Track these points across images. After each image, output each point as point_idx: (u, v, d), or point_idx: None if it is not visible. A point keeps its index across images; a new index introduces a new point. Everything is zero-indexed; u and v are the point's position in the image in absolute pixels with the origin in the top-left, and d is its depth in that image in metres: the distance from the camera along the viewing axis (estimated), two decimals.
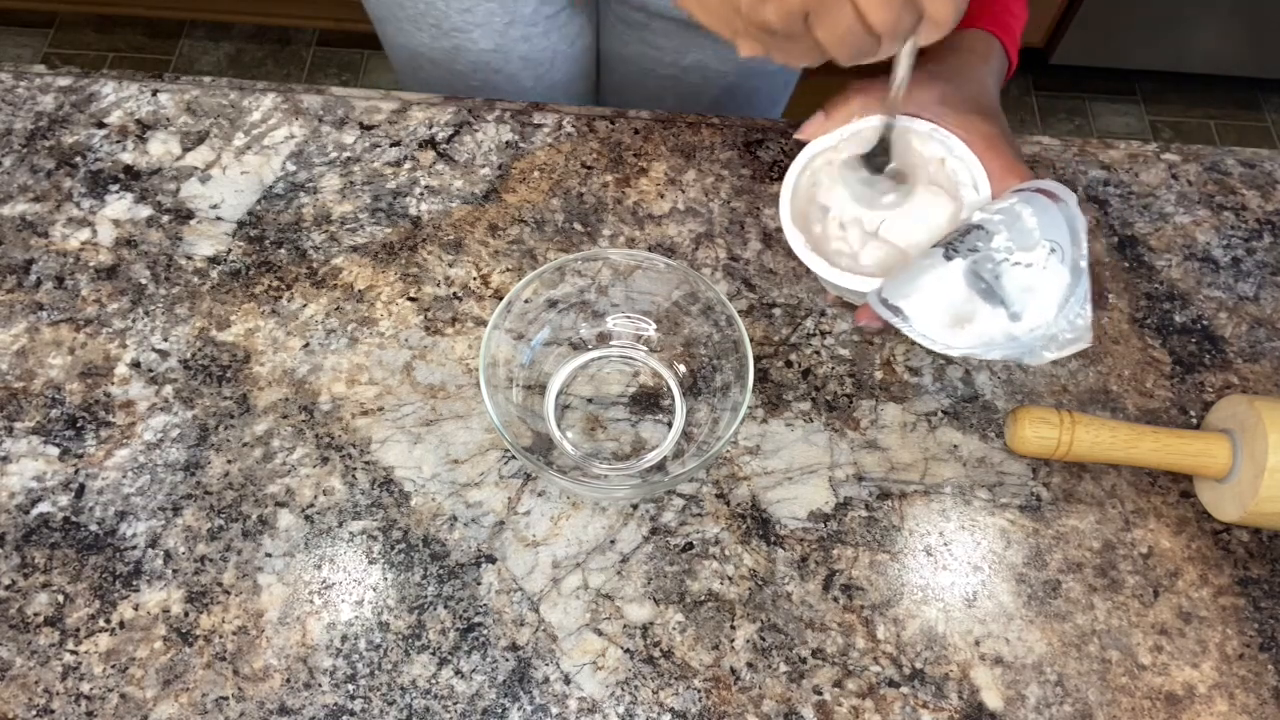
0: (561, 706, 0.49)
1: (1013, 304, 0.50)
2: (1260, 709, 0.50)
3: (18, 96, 0.69)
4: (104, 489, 0.54)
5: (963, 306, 0.51)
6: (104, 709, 0.49)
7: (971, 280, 0.50)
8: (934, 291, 0.51)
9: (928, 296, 0.51)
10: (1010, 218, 0.51)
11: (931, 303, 0.51)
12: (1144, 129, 1.94)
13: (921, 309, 0.51)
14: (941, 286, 0.51)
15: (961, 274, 0.50)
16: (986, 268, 0.50)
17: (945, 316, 0.51)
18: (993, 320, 0.50)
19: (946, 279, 0.51)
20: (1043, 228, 0.50)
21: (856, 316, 0.58)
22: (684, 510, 0.55)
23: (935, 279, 0.51)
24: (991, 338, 0.50)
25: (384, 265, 0.62)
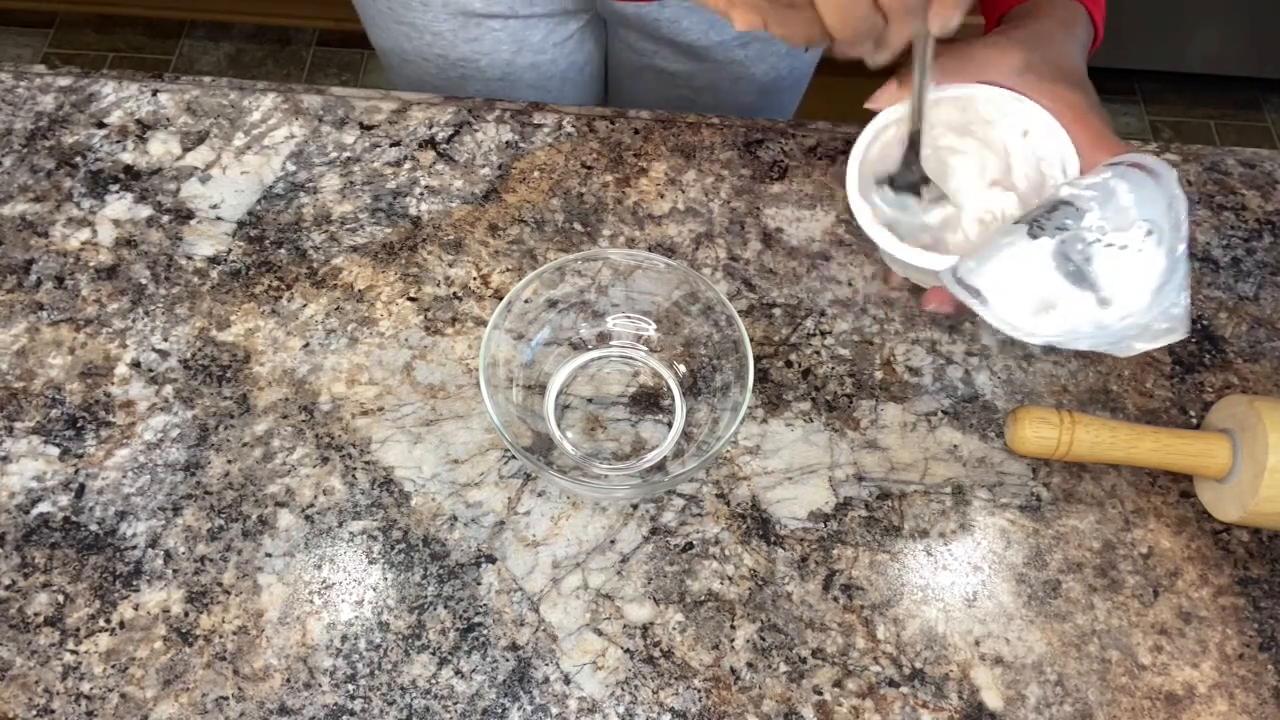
0: (561, 706, 0.49)
1: (1103, 289, 0.46)
2: (1260, 709, 0.50)
3: (18, 96, 0.69)
4: (104, 489, 0.54)
5: (1048, 290, 0.47)
6: (104, 709, 0.49)
7: (1060, 261, 0.46)
8: (1016, 272, 0.47)
9: (1009, 277, 0.47)
10: (1104, 194, 0.47)
11: (1013, 284, 0.47)
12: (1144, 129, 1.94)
13: (1002, 291, 0.47)
14: (1025, 267, 0.47)
15: (1049, 254, 0.47)
16: (1076, 248, 0.46)
17: (1029, 300, 0.47)
18: (1080, 306, 0.46)
19: (1031, 259, 0.47)
20: (1139, 206, 0.46)
21: (925, 299, 0.55)
22: (684, 510, 0.55)
23: (1018, 258, 0.47)
24: (1077, 325, 0.47)
25: (384, 265, 0.62)
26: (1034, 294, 0.47)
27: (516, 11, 0.78)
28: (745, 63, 0.82)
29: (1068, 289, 0.47)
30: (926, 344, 0.60)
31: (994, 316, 0.48)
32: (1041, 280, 0.47)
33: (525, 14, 0.78)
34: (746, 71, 0.82)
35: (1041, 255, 0.47)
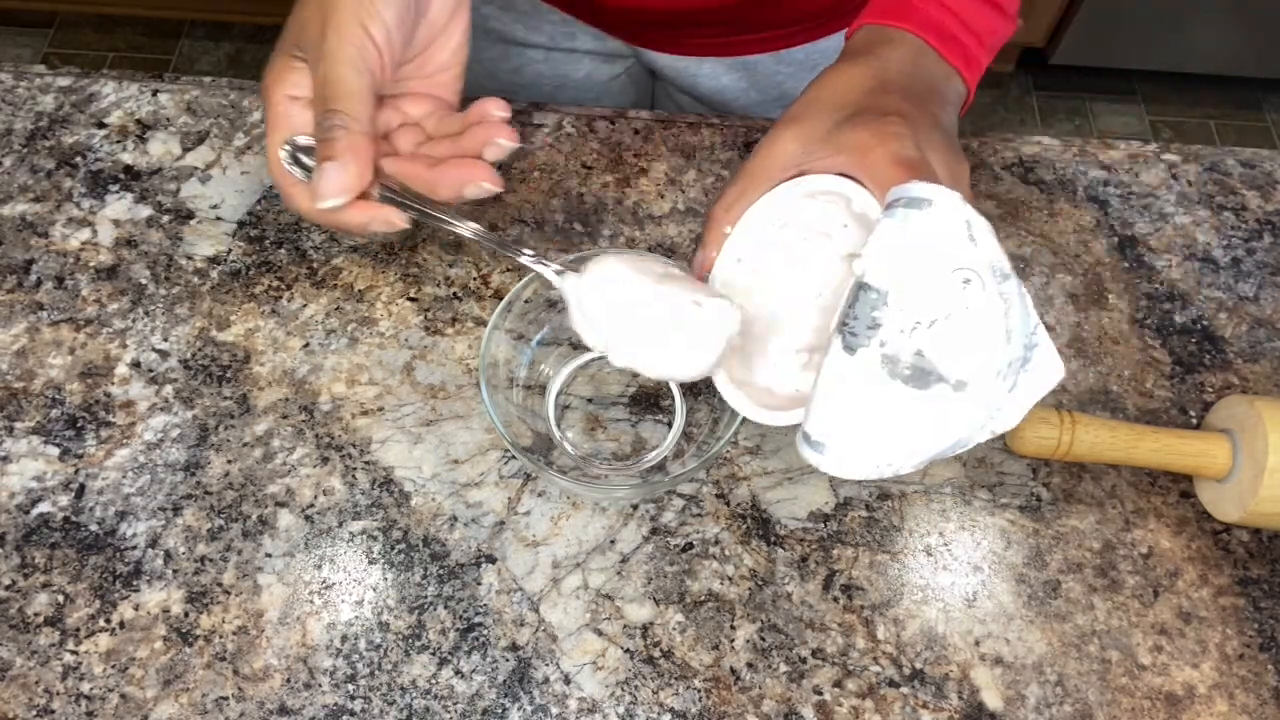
0: (561, 706, 0.49)
1: (950, 373, 0.39)
2: (1260, 709, 0.50)
3: (18, 96, 0.69)
4: (104, 489, 0.54)
5: (893, 408, 0.39)
6: (104, 709, 0.49)
7: (890, 368, 0.39)
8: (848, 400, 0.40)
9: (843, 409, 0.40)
10: (895, 258, 0.39)
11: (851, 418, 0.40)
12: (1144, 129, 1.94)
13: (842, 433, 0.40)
14: (855, 390, 0.40)
15: (876, 367, 0.39)
16: (901, 346, 0.39)
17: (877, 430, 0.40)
18: (937, 406, 0.39)
19: (858, 379, 0.40)
20: (940, 254, 0.39)
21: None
22: (684, 510, 0.55)
23: (843, 383, 0.40)
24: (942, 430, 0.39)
25: (384, 265, 0.62)
26: (880, 419, 0.40)
27: (558, 44, 0.77)
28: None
29: (915, 395, 0.39)
30: None
31: (841, 466, 0.40)
32: (882, 399, 0.39)
33: (566, 47, 0.78)
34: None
35: (868, 371, 0.39)
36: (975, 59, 0.51)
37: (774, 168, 0.48)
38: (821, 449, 0.41)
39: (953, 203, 0.39)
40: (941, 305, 0.39)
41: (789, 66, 0.75)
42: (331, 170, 0.46)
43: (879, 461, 0.41)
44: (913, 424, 0.40)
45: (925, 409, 0.39)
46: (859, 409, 0.40)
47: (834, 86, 0.49)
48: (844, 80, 0.49)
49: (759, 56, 0.75)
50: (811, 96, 0.49)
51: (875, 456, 0.40)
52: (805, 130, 0.48)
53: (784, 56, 0.75)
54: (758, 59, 0.75)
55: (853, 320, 0.40)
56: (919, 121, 0.46)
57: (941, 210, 0.39)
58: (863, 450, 0.40)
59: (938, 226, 0.39)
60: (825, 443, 0.41)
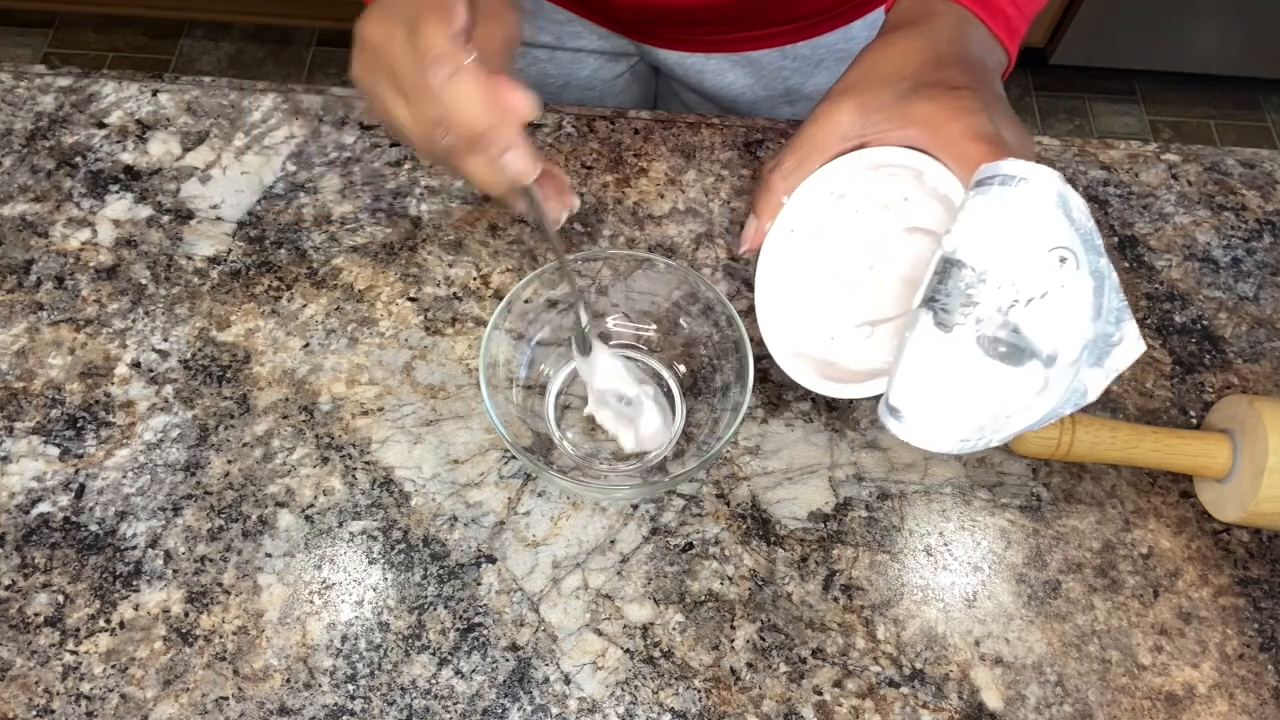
0: (561, 707, 0.49)
1: (1043, 348, 0.39)
2: (1260, 709, 0.50)
3: (18, 96, 0.69)
4: (104, 489, 0.54)
5: (990, 384, 0.40)
6: (104, 709, 0.49)
7: (988, 347, 0.39)
8: (939, 375, 0.40)
9: (934, 383, 0.40)
10: (991, 236, 0.39)
11: (942, 393, 0.40)
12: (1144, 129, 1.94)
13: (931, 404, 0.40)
14: (948, 367, 0.40)
15: (972, 344, 0.39)
16: (997, 324, 0.39)
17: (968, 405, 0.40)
18: (1030, 379, 0.39)
19: (952, 356, 0.40)
20: (1035, 232, 0.39)
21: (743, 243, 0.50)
22: (684, 510, 0.55)
23: (935, 359, 0.40)
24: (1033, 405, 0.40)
25: (384, 265, 0.62)
26: (973, 395, 0.40)
27: (563, 43, 0.77)
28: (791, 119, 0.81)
29: (1010, 373, 0.39)
30: None
31: (924, 436, 0.41)
32: (975, 376, 0.40)
33: (572, 47, 0.78)
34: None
35: (963, 348, 0.39)
36: (1017, 28, 0.51)
37: (832, 138, 0.48)
38: (904, 421, 0.41)
39: (1050, 180, 0.39)
40: (1039, 283, 0.39)
41: (794, 62, 0.75)
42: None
43: (968, 434, 0.41)
44: (1007, 398, 0.40)
45: (1019, 384, 0.39)
46: (952, 385, 0.40)
47: (889, 58, 0.48)
48: (899, 51, 0.48)
49: (764, 52, 0.75)
50: (865, 68, 0.48)
51: (966, 431, 0.41)
52: (864, 101, 0.47)
53: (789, 52, 0.75)
54: (763, 55, 0.75)
55: (944, 297, 0.40)
56: (987, 96, 0.45)
57: (1038, 188, 0.39)
58: (952, 424, 0.40)
59: (1035, 204, 0.39)
60: (910, 416, 0.41)
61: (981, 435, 0.41)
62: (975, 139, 0.43)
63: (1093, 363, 0.40)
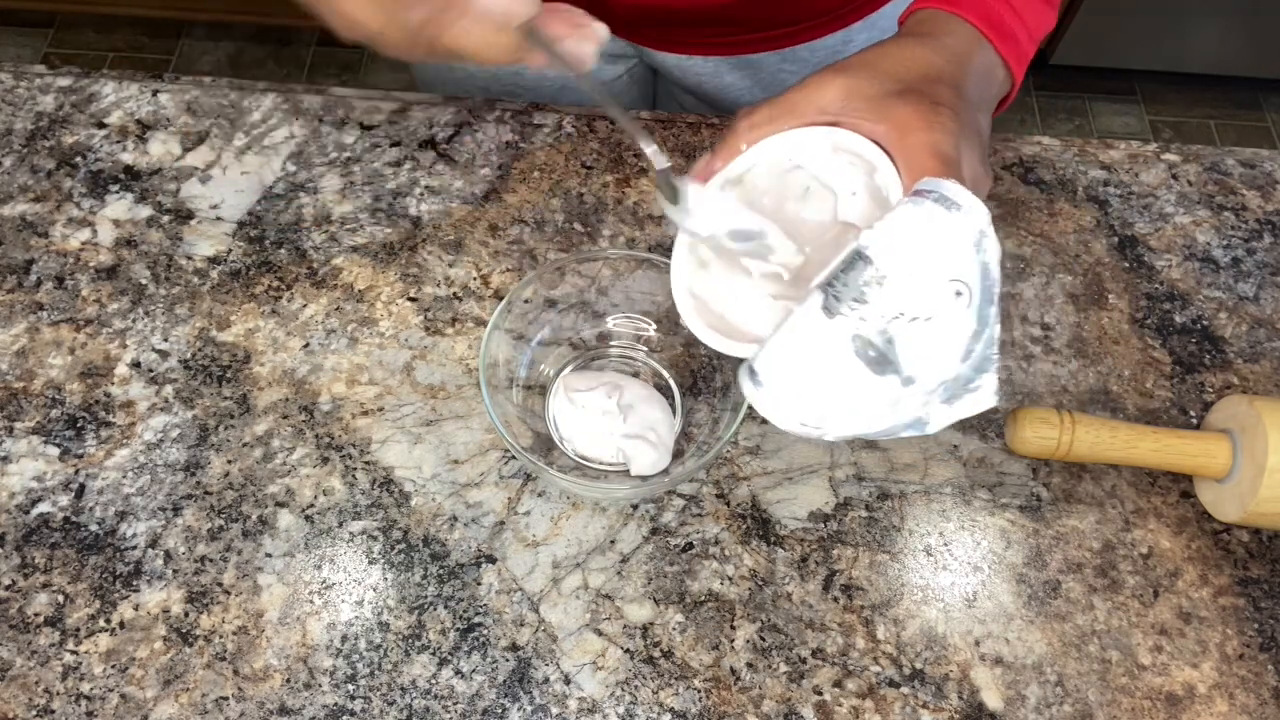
0: (561, 706, 0.49)
1: (906, 369, 0.40)
2: (1260, 709, 0.50)
3: (18, 96, 0.69)
4: (104, 489, 0.54)
5: (846, 379, 0.40)
6: (104, 709, 0.49)
7: (859, 346, 0.40)
8: (805, 354, 0.41)
9: (799, 365, 0.41)
10: (904, 243, 0.40)
11: (802, 373, 0.41)
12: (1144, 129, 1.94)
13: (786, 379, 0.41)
14: (816, 348, 0.40)
15: (846, 338, 0.40)
16: (876, 330, 0.40)
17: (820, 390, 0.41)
18: (882, 392, 0.40)
19: (823, 340, 0.40)
20: (944, 258, 0.40)
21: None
22: (684, 510, 0.55)
23: (811, 342, 0.41)
24: (876, 414, 0.41)
25: (384, 265, 0.62)
26: (826, 384, 0.41)
27: None
28: None
29: (868, 378, 0.40)
30: None
31: (770, 408, 0.41)
32: (836, 367, 0.40)
33: None
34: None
35: (837, 337, 0.40)
36: (1025, 53, 0.52)
37: (811, 108, 0.48)
38: (761, 387, 0.42)
39: (979, 215, 0.40)
40: (929, 306, 0.39)
41: (793, 64, 0.75)
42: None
43: (809, 419, 0.41)
44: (855, 400, 0.41)
45: (871, 392, 0.40)
46: (813, 369, 0.41)
47: (893, 57, 0.48)
48: (904, 55, 0.48)
49: (763, 55, 0.75)
50: (868, 59, 0.49)
51: (808, 415, 0.41)
52: (854, 85, 0.47)
53: (788, 55, 0.75)
54: (762, 57, 0.75)
55: (840, 286, 0.40)
56: (965, 122, 0.46)
57: (965, 219, 0.40)
58: (799, 404, 0.41)
59: (956, 233, 0.40)
60: (767, 384, 0.42)
61: (820, 425, 0.41)
62: (934, 155, 0.44)
63: (944, 398, 0.41)
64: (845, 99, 0.47)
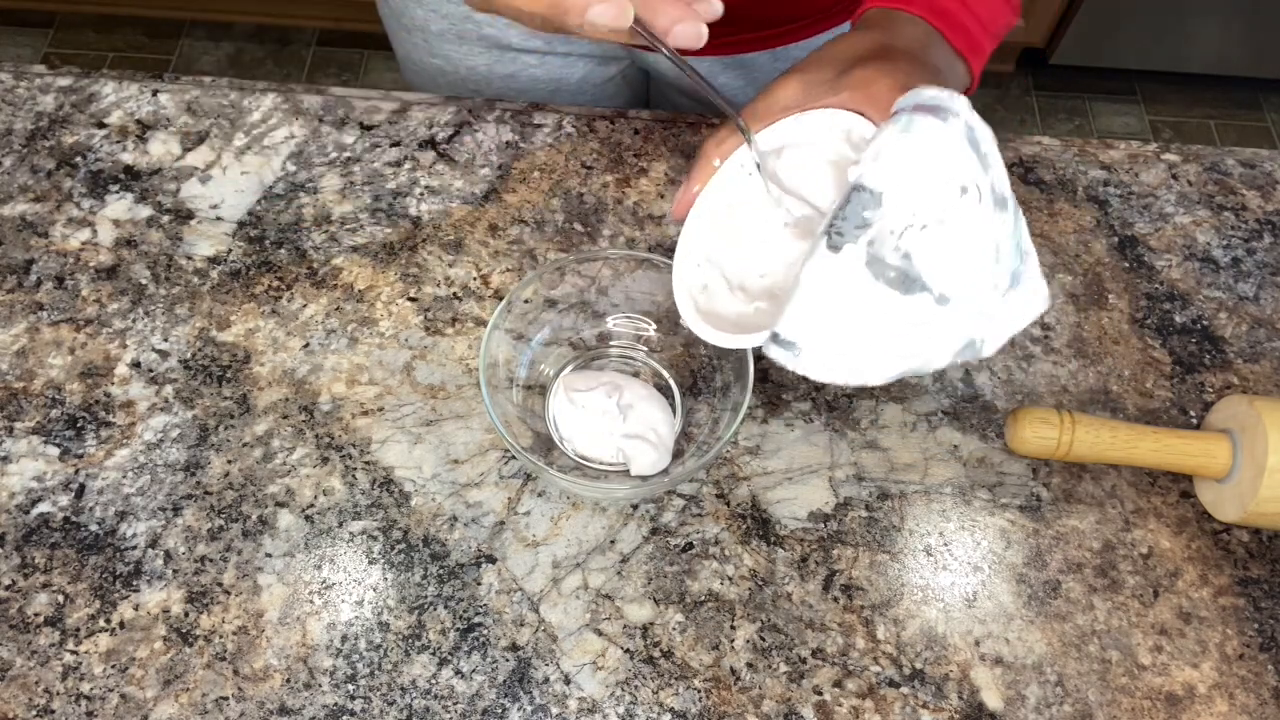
0: (561, 706, 0.49)
1: (936, 284, 0.37)
2: (1260, 709, 0.50)
3: (18, 96, 0.69)
4: (104, 489, 0.54)
5: (874, 310, 0.38)
6: (104, 709, 0.49)
7: (876, 269, 0.37)
8: (828, 301, 0.38)
9: (822, 310, 0.38)
10: (894, 161, 0.38)
11: (829, 318, 0.38)
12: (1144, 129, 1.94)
13: (817, 332, 0.38)
14: (837, 290, 0.38)
15: (861, 265, 0.37)
16: (889, 247, 0.37)
17: (853, 333, 0.38)
18: (918, 314, 0.37)
19: (840, 278, 0.38)
20: (940, 161, 0.37)
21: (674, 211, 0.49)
22: (684, 510, 0.55)
23: (824, 282, 0.38)
24: (922, 341, 0.38)
25: (384, 265, 0.62)
26: (858, 322, 0.38)
27: (554, 48, 0.77)
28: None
29: (897, 300, 0.37)
30: None
31: (815, 368, 0.39)
32: (862, 301, 0.37)
33: (563, 51, 0.78)
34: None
35: (852, 270, 0.37)
36: (980, 46, 0.52)
37: (774, 108, 0.48)
38: (794, 349, 0.39)
39: (960, 107, 0.38)
40: (935, 210, 0.37)
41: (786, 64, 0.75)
42: None
43: (851, 366, 0.39)
44: (891, 330, 0.38)
45: (905, 317, 0.38)
46: (838, 309, 0.38)
47: (841, 45, 0.50)
48: (853, 41, 0.50)
49: (756, 55, 0.75)
50: (818, 54, 0.50)
51: (848, 360, 0.39)
52: (808, 76, 0.48)
53: (781, 54, 0.75)
54: (755, 57, 0.75)
55: (841, 221, 0.38)
56: (928, 74, 0.47)
57: (947, 116, 0.38)
58: (837, 353, 0.39)
59: (942, 132, 0.38)
60: (797, 342, 0.39)
61: (873, 366, 0.39)
62: (901, 90, 0.43)
63: (991, 313, 0.38)
64: (803, 90, 0.48)
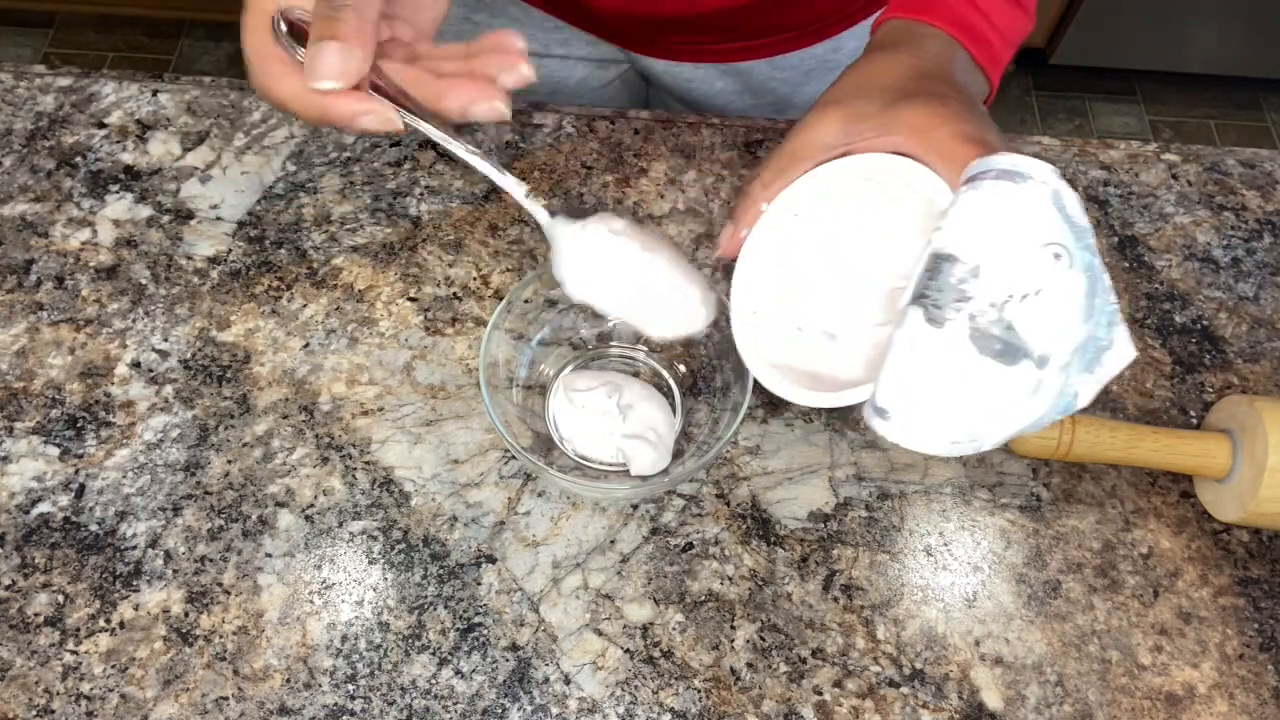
0: (561, 707, 0.49)
1: (1036, 348, 0.38)
2: (1260, 709, 0.50)
3: (18, 96, 0.69)
4: (104, 489, 0.54)
5: (982, 383, 0.39)
6: (104, 709, 0.49)
7: (981, 344, 0.38)
8: (927, 372, 0.39)
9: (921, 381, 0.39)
10: (986, 232, 0.39)
11: (930, 391, 0.39)
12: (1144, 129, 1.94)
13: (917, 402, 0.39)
14: (938, 363, 0.39)
15: (965, 340, 0.38)
16: (990, 319, 0.38)
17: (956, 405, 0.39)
18: (1022, 380, 0.38)
19: (942, 352, 0.38)
20: (1030, 227, 0.38)
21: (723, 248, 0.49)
22: (684, 510, 0.55)
23: (923, 354, 0.39)
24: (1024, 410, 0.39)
25: (384, 265, 0.62)
26: (961, 394, 0.39)
27: (551, 50, 0.77)
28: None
29: (1003, 371, 0.38)
30: None
31: (907, 436, 0.40)
32: (966, 374, 0.38)
33: (560, 54, 0.78)
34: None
35: (954, 344, 0.38)
36: (1000, 57, 0.51)
37: (816, 146, 0.48)
38: (892, 421, 0.40)
39: (1045, 175, 0.39)
40: (1033, 279, 0.38)
41: (783, 72, 0.75)
42: (333, 51, 0.42)
43: (957, 436, 0.40)
44: (998, 399, 0.39)
45: (1011, 384, 0.38)
46: (942, 384, 0.39)
47: (876, 72, 0.48)
48: (886, 66, 0.48)
49: (753, 63, 0.75)
50: (852, 80, 0.49)
51: (955, 432, 0.40)
52: (849, 111, 0.47)
53: (778, 63, 0.75)
54: (751, 65, 0.75)
55: (935, 293, 0.39)
56: (973, 106, 0.46)
57: (1034, 182, 0.39)
58: (941, 425, 0.39)
59: (1030, 199, 0.39)
60: (898, 416, 0.40)
61: (973, 438, 0.40)
62: (966, 141, 0.44)
63: (1083, 368, 0.39)
64: (847, 127, 0.47)
